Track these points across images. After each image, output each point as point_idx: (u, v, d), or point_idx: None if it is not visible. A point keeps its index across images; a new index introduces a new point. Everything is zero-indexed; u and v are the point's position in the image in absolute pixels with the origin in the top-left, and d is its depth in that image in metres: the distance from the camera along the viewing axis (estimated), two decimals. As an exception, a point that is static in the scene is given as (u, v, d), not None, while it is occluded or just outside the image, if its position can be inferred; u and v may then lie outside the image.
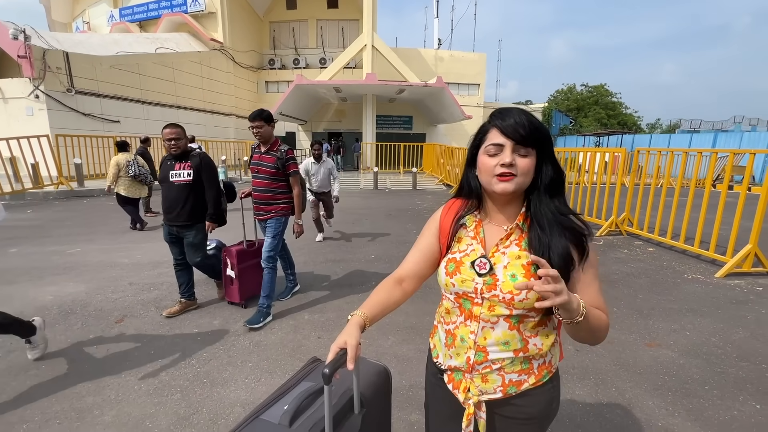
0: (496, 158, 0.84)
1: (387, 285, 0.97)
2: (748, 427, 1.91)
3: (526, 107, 26.71)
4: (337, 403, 0.88)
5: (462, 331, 0.90)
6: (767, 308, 3.37)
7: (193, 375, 2.29)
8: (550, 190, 0.87)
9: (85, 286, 3.67)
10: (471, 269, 0.88)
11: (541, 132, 0.84)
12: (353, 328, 0.82)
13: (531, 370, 0.89)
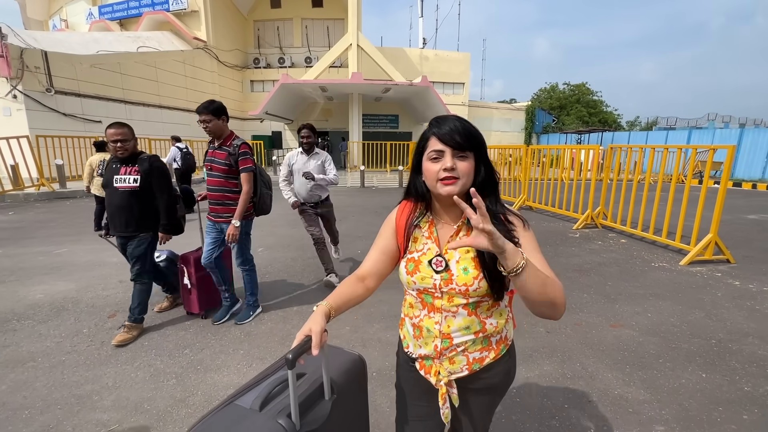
0: (439, 163, 0.91)
1: (350, 281, 1.03)
2: (693, 392, 2.14)
3: (509, 106, 27.25)
4: (308, 389, 0.92)
5: (427, 323, 0.99)
6: (723, 291, 3.66)
7: (187, 363, 2.41)
8: (484, 189, 0.93)
9: (74, 284, 3.73)
10: (429, 267, 0.96)
11: (476, 138, 0.93)
12: (318, 316, 0.88)
13: (490, 346, 1.00)
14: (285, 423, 0.81)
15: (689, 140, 19.43)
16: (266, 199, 2.97)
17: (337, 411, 0.95)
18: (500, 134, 24.60)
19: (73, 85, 12.72)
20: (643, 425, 1.88)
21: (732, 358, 2.50)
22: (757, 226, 6.68)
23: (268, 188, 3.00)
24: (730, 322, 3.02)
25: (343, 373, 1.02)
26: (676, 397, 2.09)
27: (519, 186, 8.61)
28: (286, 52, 22.65)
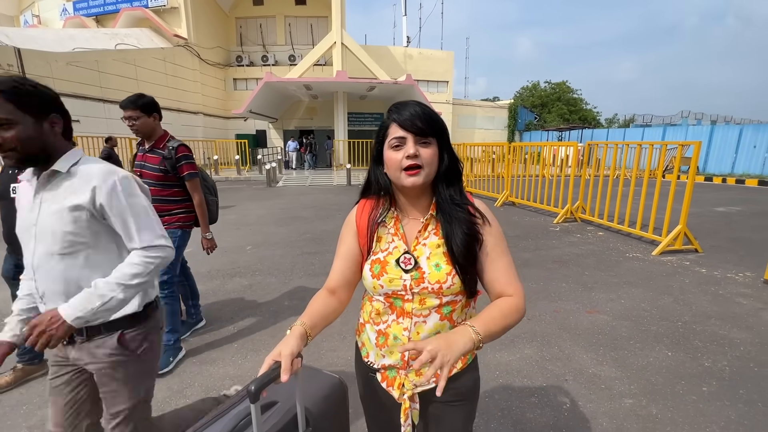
0: (401, 151, 0.85)
1: (321, 296, 0.94)
2: (659, 369, 2.32)
3: (492, 104, 27.67)
4: (278, 422, 0.81)
5: (394, 329, 0.90)
6: (690, 278, 3.91)
7: (182, 357, 2.47)
8: (447, 178, 0.90)
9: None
10: (397, 267, 0.88)
11: (438, 123, 0.86)
12: (291, 338, 0.78)
13: None
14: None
15: (664, 137, 20.17)
16: (212, 206, 2.66)
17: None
18: (484, 132, 24.97)
19: (48, 84, 12.17)
20: (613, 399, 2.05)
21: (695, 337, 2.71)
22: (725, 218, 7.06)
23: (213, 194, 2.71)
24: (696, 306, 3.24)
25: (321, 400, 0.92)
26: (644, 374, 2.28)
27: (502, 182, 8.84)
28: (269, 50, 22.44)
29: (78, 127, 13.21)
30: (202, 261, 4.47)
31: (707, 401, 2.03)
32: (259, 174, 15.46)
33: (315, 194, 10.31)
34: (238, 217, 7.08)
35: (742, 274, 4.04)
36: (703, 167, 17.50)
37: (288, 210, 7.84)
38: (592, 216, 6.44)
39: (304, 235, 5.70)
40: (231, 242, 5.30)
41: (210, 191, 2.67)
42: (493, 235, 0.90)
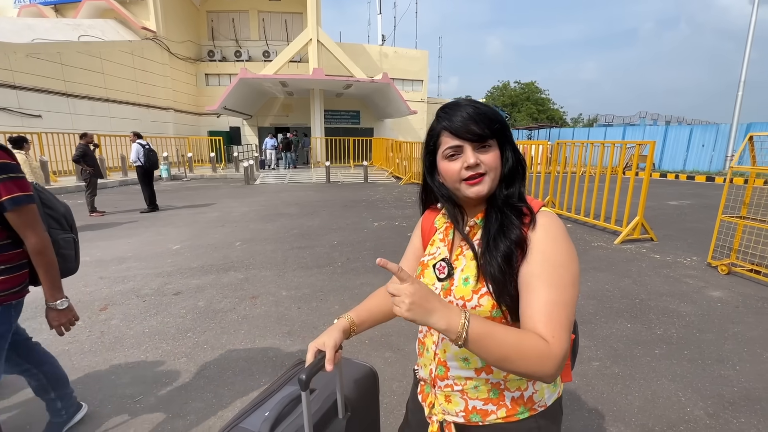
0: (458, 161, 0.74)
1: (380, 293, 0.91)
2: (620, 338, 2.70)
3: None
4: (320, 408, 0.85)
5: (427, 340, 0.84)
6: (646, 263, 4.39)
7: (193, 344, 2.61)
8: (507, 179, 0.77)
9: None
10: (432, 273, 0.82)
11: (496, 121, 0.74)
12: (335, 330, 0.79)
13: (501, 401, 0.77)
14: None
15: (624, 136, 21.45)
16: (65, 250, 1.60)
17: (351, 430, 0.89)
18: (458, 130, 25.59)
19: (7, 76, 11.68)
20: (583, 363, 2.39)
21: (650, 312, 3.12)
22: (677, 211, 7.78)
23: (66, 229, 1.65)
24: (650, 286, 3.69)
25: (356, 388, 0.95)
26: (608, 342, 2.64)
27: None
28: (242, 45, 22.03)
29: (40, 122, 12.61)
30: (195, 256, 4.55)
31: (659, 360, 2.42)
32: (235, 171, 15.25)
33: (295, 192, 10.38)
34: (222, 215, 7.10)
35: (689, 258, 4.57)
36: (659, 164, 18.82)
37: (271, 207, 7.90)
38: (561, 210, 6.94)
39: (291, 231, 5.84)
40: (219, 239, 5.37)
41: (60, 224, 1.62)
42: (544, 254, 0.69)
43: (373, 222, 6.51)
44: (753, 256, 4.20)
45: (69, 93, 13.90)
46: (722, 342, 2.65)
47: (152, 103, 18.17)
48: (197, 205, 8.22)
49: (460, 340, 0.61)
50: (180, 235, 5.56)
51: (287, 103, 22.01)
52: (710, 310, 3.16)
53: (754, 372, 2.30)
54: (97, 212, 7.03)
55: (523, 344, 0.62)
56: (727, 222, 4.25)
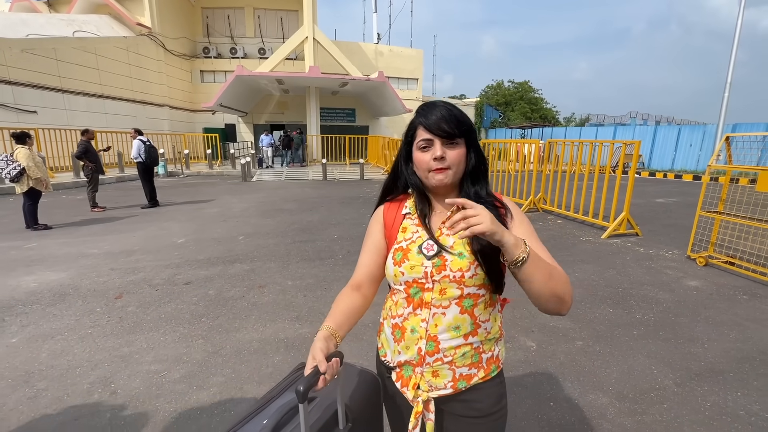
0: (429, 152, 0.87)
1: (345, 293, 0.94)
2: (602, 321, 2.94)
3: (460, 101, 28.66)
4: (320, 419, 0.83)
5: (412, 321, 0.88)
6: (630, 256, 4.65)
7: (208, 327, 2.80)
8: (473, 176, 0.92)
9: (65, 273, 3.85)
10: (419, 254, 0.87)
11: (464, 124, 0.87)
12: (321, 342, 0.79)
13: (480, 363, 0.88)
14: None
15: (615, 135, 21.86)
16: None
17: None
18: (452, 129, 25.85)
19: (2, 72, 11.63)
20: (568, 342, 2.62)
21: (631, 299, 3.37)
22: (662, 207, 8.09)
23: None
24: (633, 276, 3.95)
25: (358, 396, 0.92)
26: (592, 324, 2.88)
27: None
28: (238, 42, 22.02)
29: (36, 118, 12.59)
30: (200, 249, 4.72)
31: (636, 340, 2.66)
32: (231, 168, 15.33)
33: (292, 188, 10.53)
34: (222, 210, 7.24)
35: (671, 252, 4.85)
36: (648, 164, 19.26)
37: (270, 203, 8.06)
38: (552, 206, 7.20)
39: (292, 226, 6.01)
40: (222, 233, 5.53)
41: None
42: (522, 228, 0.88)
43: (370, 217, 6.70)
44: (728, 249, 4.49)
45: (64, 89, 13.86)
46: (694, 325, 2.91)
47: (147, 99, 18.13)
48: (197, 201, 8.34)
49: (525, 254, 0.72)
50: (183, 230, 5.71)
51: (283, 100, 22.07)
52: (686, 298, 3.42)
53: (721, 349, 2.56)
54: (98, 207, 7.13)
55: (555, 268, 0.78)
56: (705, 217, 4.53)
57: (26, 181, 5.56)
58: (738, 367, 2.35)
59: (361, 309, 0.92)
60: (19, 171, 5.46)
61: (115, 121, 15.59)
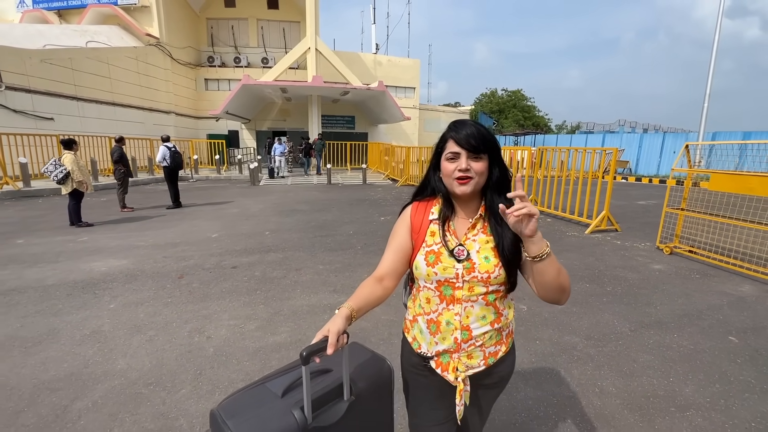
0: (455, 163, 0.99)
1: (368, 283, 1.05)
2: (580, 292, 3.66)
3: (455, 109, 29.57)
4: (327, 386, 0.95)
5: (446, 315, 1.02)
6: (608, 247, 5.40)
7: (264, 297, 3.46)
8: (498, 188, 1.03)
9: (126, 261, 4.49)
10: (450, 257, 1.00)
11: (490, 142, 0.99)
12: (338, 318, 0.90)
13: (502, 340, 1.06)
14: (297, 415, 0.87)
15: (603, 143, 22.84)
16: None
17: (354, 413, 0.97)
18: (448, 135, 26.72)
19: (22, 81, 12.24)
20: (551, 306, 3.33)
21: (605, 277, 4.10)
22: (643, 209, 8.89)
23: None
24: (608, 262, 4.69)
25: (367, 377, 1.04)
26: (572, 295, 3.57)
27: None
28: (241, 52, 22.76)
29: (52, 125, 13.15)
30: (234, 242, 5.38)
31: (605, 304, 3.38)
32: (238, 173, 15.96)
33: (300, 192, 11.20)
34: (241, 211, 7.89)
35: (643, 244, 5.61)
36: (635, 169, 20.23)
37: (283, 205, 8.73)
38: (542, 207, 7.96)
39: (309, 224, 6.69)
40: (249, 229, 6.19)
41: None
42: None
43: (379, 216, 7.41)
44: (691, 241, 5.25)
45: (78, 97, 14.45)
46: (652, 294, 3.64)
47: (154, 106, 18.75)
48: (215, 202, 8.99)
49: (548, 249, 0.89)
50: (213, 227, 6.36)
51: (285, 107, 22.80)
52: (649, 276, 4.16)
53: (668, 310, 3.29)
54: (127, 208, 7.75)
55: (562, 267, 0.95)
56: (673, 214, 5.29)
57: (70, 183, 6.19)
58: (678, 320, 3.08)
59: (380, 298, 1.04)
60: (64, 174, 6.09)
61: (125, 128, 16.16)
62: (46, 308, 3.17)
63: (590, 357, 2.54)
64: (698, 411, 2.02)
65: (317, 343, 0.85)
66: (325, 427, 0.91)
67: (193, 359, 2.47)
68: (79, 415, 1.94)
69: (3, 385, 2.17)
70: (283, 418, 0.87)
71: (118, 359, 2.44)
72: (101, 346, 2.60)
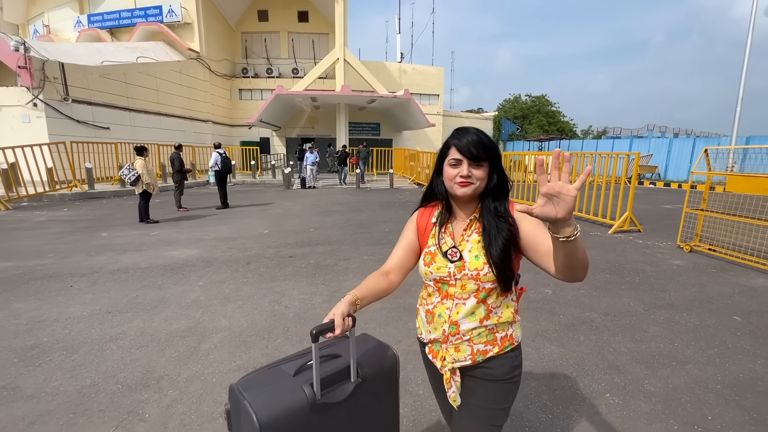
0: (457, 169, 1.06)
1: (374, 275, 1.14)
2: (601, 281, 4.08)
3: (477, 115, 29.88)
4: (336, 368, 1.05)
5: (439, 309, 1.11)
6: (630, 245, 5.75)
7: (323, 280, 4.07)
8: (494, 194, 1.10)
9: (197, 250, 5.22)
10: (444, 258, 1.09)
11: (490, 149, 1.05)
12: (343, 303, 1.00)
13: (495, 341, 1.10)
14: (307, 391, 0.97)
15: (630, 147, 22.61)
16: None
17: (360, 394, 1.06)
18: (471, 141, 27.07)
19: (85, 94, 13.59)
20: (574, 290, 3.77)
21: (624, 270, 4.50)
22: (668, 212, 9.06)
23: None
24: (629, 257, 5.06)
25: (373, 363, 1.13)
26: (592, 283, 4.03)
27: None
28: (273, 63, 23.99)
29: (108, 134, 14.46)
30: (285, 236, 6.05)
31: (623, 291, 3.80)
32: (272, 178, 16.92)
33: (333, 195, 11.91)
34: (283, 211, 8.63)
35: (665, 243, 5.92)
36: (664, 174, 19.97)
37: (320, 206, 9.42)
38: (566, 209, 8.30)
39: (347, 222, 7.32)
40: (294, 226, 6.87)
41: None
42: (529, 222, 1.05)
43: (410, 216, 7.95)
44: (711, 240, 5.53)
45: (130, 108, 15.81)
46: (667, 283, 4.02)
47: (194, 115, 20.09)
48: (258, 204, 9.79)
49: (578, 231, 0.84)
50: (262, 224, 7.09)
51: (313, 115, 23.81)
52: (667, 269, 4.52)
53: (681, 296, 3.68)
54: (183, 208, 8.63)
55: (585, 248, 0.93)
56: (691, 214, 5.59)
57: (141, 185, 7.07)
58: (689, 303, 3.48)
59: (385, 290, 1.13)
60: (136, 177, 6.97)
61: (168, 135, 17.46)
62: (150, 284, 3.89)
63: (606, 327, 2.99)
64: (695, 365, 2.46)
65: (325, 324, 0.94)
66: (332, 404, 1.00)
67: (279, 321, 3.08)
68: (208, 352, 2.58)
69: (142, 333, 2.85)
70: (294, 393, 0.96)
71: (221, 319, 3.09)
72: (204, 310, 3.26)
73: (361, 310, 1.03)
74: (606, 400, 2.12)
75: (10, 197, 8.95)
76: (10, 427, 1.86)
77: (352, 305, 1.00)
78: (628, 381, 2.29)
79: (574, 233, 0.83)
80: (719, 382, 2.28)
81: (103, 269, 4.34)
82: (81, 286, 3.82)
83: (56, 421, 1.91)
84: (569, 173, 0.79)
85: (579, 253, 0.87)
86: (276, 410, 0.91)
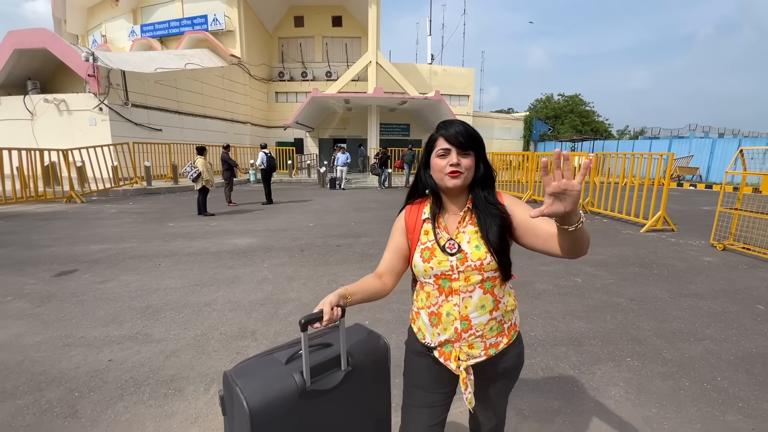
0: (446, 159, 1.08)
1: (368, 276, 1.18)
2: (631, 273, 4.34)
3: (508, 115, 29.65)
4: (326, 356, 1.07)
5: (446, 307, 1.10)
6: (662, 243, 5.89)
7: (371, 264, 4.56)
8: (482, 183, 1.13)
9: (255, 239, 5.86)
10: (443, 252, 1.09)
11: (476, 139, 1.09)
12: (333, 294, 1.03)
13: (503, 332, 1.13)
14: (297, 378, 1.00)
15: (669, 148, 21.84)
16: None
17: (351, 382, 1.09)
18: (501, 142, 26.98)
19: (142, 99, 14.87)
20: (603, 279, 4.07)
21: (654, 264, 4.72)
22: (706, 213, 8.96)
23: None
24: (660, 254, 5.24)
25: (363, 352, 1.15)
26: (621, 274, 4.30)
27: (520, 185, 10.89)
28: (308, 67, 24.97)
29: (161, 135, 15.70)
30: (329, 229, 6.61)
31: (651, 282, 4.06)
32: (307, 177, 17.74)
33: (365, 193, 12.46)
34: (323, 207, 9.24)
35: (698, 241, 6.01)
36: (706, 176, 19.22)
37: (356, 203, 9.98)
38: (599, 209, 8.43)
39: (384, 218, 7.79)
40: (336, 221, 7.44)
41: None
42: (520, 206, 1.11)
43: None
44: (746, 239, 5.60)
45: (180, 111, 17.07)
46: (696, 277, 4.23)
47: (235, 118, 21.31)
48: (298, 200, 10.48)
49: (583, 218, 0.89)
50: (306, 218, 7.70)
51: (345, 117, 24.57)
52: (697, 265, 4.70)
53: (708, 288, 3.89)
54: (232, 203, 9.42)
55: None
56: (726, 213, 5.68)
57: (201, 182, 7.86)
58: (714, 294, 3.71)
59: (378, 291, 1.15)
60: (197, 174, 7.76)
61: (212, 137, 18.67)
62: (222, 264, 4.53)
63: (632, 310, 3.30)
64: (712, 341, 2.75)
65: (314, 313, 0.97)
66: (322, 391, 1.03)
67: (338, 296, 3.59)
68: (285, 316, 3.13)
69: (228, 300, 3.44)
70: (284, 380, 0.99)
71: (289, 293, 3.65)
72: (274, 286, 3.83)
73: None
74: (627, 362, 2.47)
75: (84, 192, 10.09)
76: (154, 358, 2.45)
77: (342, 297, 1.04)
78: (647, 350, 2.62)
79: (580, 220, 0.88)
80: (732, 354, 2.57)
81: (181, 252, 5.04)
82: (167, 264, 4.50)
83: (185, 355, 2.50)
84: (570, 170, 0.84)
85: (584, 235, 0.92)
86: (266, 397, 0.95)
